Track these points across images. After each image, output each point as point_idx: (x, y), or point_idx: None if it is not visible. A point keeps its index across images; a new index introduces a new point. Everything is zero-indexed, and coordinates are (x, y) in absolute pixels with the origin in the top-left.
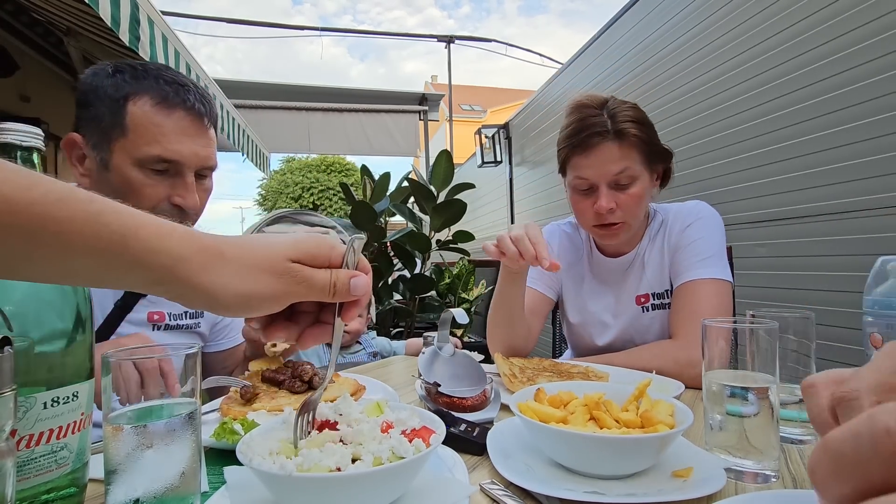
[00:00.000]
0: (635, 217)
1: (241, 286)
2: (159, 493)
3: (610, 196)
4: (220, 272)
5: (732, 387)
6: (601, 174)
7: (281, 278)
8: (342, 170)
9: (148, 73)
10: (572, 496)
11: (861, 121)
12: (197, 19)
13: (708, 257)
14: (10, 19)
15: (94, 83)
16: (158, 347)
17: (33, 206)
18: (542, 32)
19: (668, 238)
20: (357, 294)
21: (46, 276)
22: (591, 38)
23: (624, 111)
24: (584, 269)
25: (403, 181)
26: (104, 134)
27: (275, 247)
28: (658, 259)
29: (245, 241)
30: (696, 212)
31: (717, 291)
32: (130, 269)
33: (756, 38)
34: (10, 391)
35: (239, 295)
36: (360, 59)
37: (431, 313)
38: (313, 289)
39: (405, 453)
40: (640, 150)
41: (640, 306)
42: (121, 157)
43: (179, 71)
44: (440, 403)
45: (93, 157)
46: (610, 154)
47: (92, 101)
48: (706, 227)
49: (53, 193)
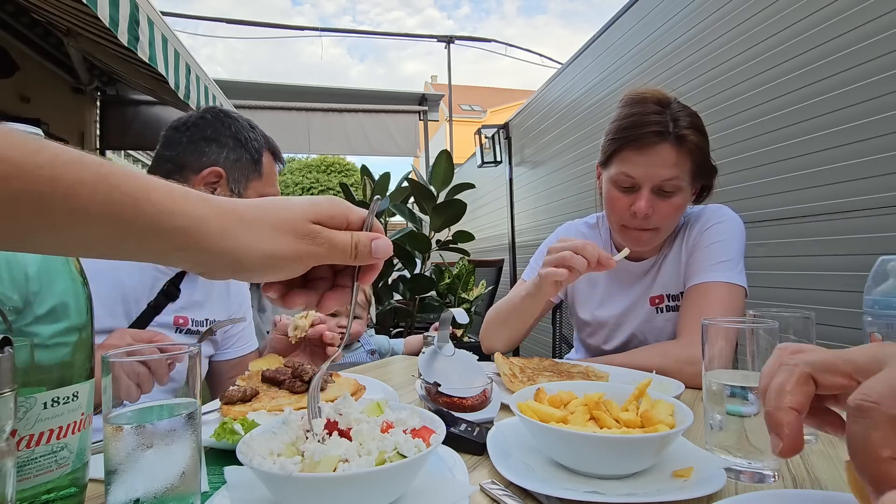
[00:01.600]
0: (668, 228)
1: (265, 247)
2: (159, 493)
3: (650, 200)
4: (242, 234)
5: (732, 386)
6: (650, 176)
7: (303, 239)
8: (342, 170)
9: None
10: (572, 496)
11: (861, 120)
12: (197, 20)
13: (724, 261)
14: (10, 20)
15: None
16: (157, 348)
17: (41, 168)
18: (542, 33)
19: (686, 240)
20: (379, 256)
21: (60, 244)
22: (591, 38)
23: (687, 116)
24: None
25: (403, 181)
26: (244, 174)
27: (294, 208)
28: (675, 261)
29: (262, 203)
30: (717, 215)
31: (728, 294)
32: (146, 235)
33: (755, 38)
34: (11, 391)
35: (265, 256)
36: (360, 60)
37: (431, 313)
38: (335, 250)
39: (408, 451)
40: (693, 161)
41: (654, 307)
42: (252, 193)
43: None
44: (440, 403)
45: (227, 189)
46: (665, 157)
47: (235, 146)
48: (725, 231)
49: (61, 157)
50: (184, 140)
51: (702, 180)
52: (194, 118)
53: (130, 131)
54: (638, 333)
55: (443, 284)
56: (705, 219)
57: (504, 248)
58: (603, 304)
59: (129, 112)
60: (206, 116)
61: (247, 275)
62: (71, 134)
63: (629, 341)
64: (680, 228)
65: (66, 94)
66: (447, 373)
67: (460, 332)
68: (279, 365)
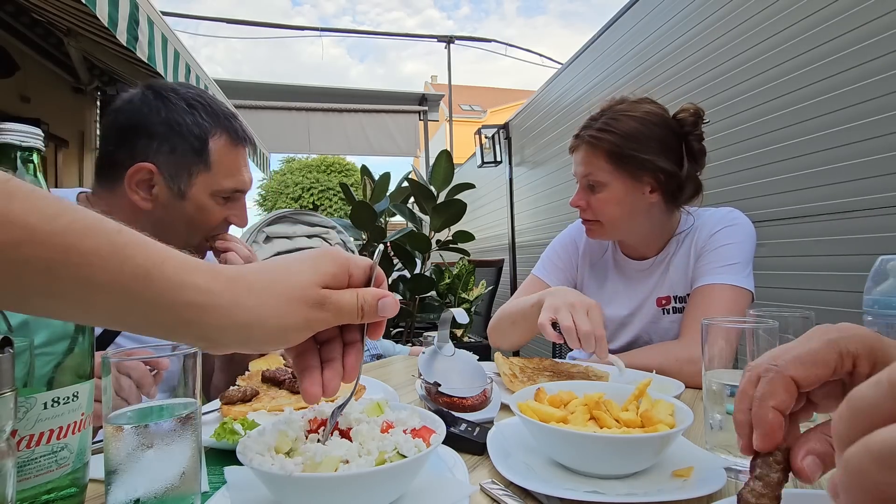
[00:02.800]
0: (609, 220)
1: (277, 320)
2: (160, 493)
3: (581, 195)
4: (254, 306)
5: (732, 386)
6: (577, 173)
7: (313, 308)
8: (342, 170)
9: (214, 109)
10: (572, 496)
11: (861, 120)
12: (197, 20)
13: (731, 264)
14: (10, 20)
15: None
16: (158, 348)
17: (56, 236)
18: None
19: (695, 242)
20: (386, 315)
21: (62, 310)
22: (591, 39)
23: (612, 119)
24: (609, 268)
25: (403, 181)
26: (185, 167)
27: (302, 274)
28: (683, 263)
29: (268, 269)
30: (728, 218)
31: (733, 298)
32: (153, 308)
33: (755, 38)
34: (11, 391)
35: (277, 328)
36: (360, 60)
37: (431, 313)
38: (342, 313)
39: (408, 451)
40: (607, 160)
41: (660, 308)
42: (201, 188)
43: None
44: (440, 403)
45: (165, 186)
46: (581, 158)
47: (167, 135)
48: (735, 234)
49: (80, 222)
50: (112, 131)
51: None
52: (124, 100)
53: None
54: (643, 334)
55: (443, 284)
56: (715, 221)
57: (504, 248)
58: (610, 302)
59: None
60: (135, 100)
61: (255, 346)
62: (71, 134)
63: (634, 341)
64: (688, 231)
65: (66, 93)
66: (447, 373)
67: (460, 332)
68: (279, 365)
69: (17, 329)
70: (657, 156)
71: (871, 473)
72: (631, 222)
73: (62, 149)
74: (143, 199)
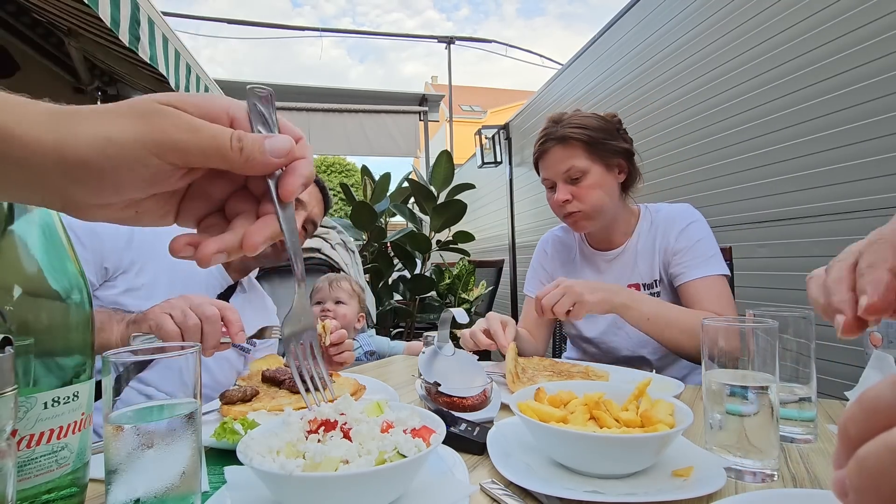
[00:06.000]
0: (593, 206)
1: (93, 131)
2: (160, 492)
3: (565, 189)
4: (70, 125)
5: (732, 386)
6: (555, 173)
7: (147, 118)
8: (342, 170)
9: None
10: (572, 496)
11: (861, 121)
12: (198, 20)
13: (713, 255)
14: (11, 20)
15: None
16: (160, 346)
17: None
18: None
19: (661, 237)
20: (277, 155)
21: None
22: (591, 39)
23: (570, 120)
24: (579, 264)
25: (404, 182)
26: None
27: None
28: (650, 253)
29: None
30: (689, 214)
31: (725, 284)
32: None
33: (755, 39)
34: (11, 391)
35: (93, 139)
36: (360, 61)
37: (431, 313)
38: (201, 135)
39: (408, 451)
40: (583, 149)
41: None
42: None
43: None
44: (440, 403)
45: None
46: (558, 156)
47: None
48: (703, 229)
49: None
50: None
51: (611, 159)
52: None
53: None
54: (617, 319)
55: (443, 285)
56: (678, 218)
57: (504, 248)
58: None
59: None
60: None
61: (84, 173)
62: None
63: (608, 328)
64: (650, 225)
65: (67, 93)
66: (447, 373)
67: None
68: (279, 365)
69: (18, 329)
70: (618, 143)
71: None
72: (610, 206)
73: None
74: None
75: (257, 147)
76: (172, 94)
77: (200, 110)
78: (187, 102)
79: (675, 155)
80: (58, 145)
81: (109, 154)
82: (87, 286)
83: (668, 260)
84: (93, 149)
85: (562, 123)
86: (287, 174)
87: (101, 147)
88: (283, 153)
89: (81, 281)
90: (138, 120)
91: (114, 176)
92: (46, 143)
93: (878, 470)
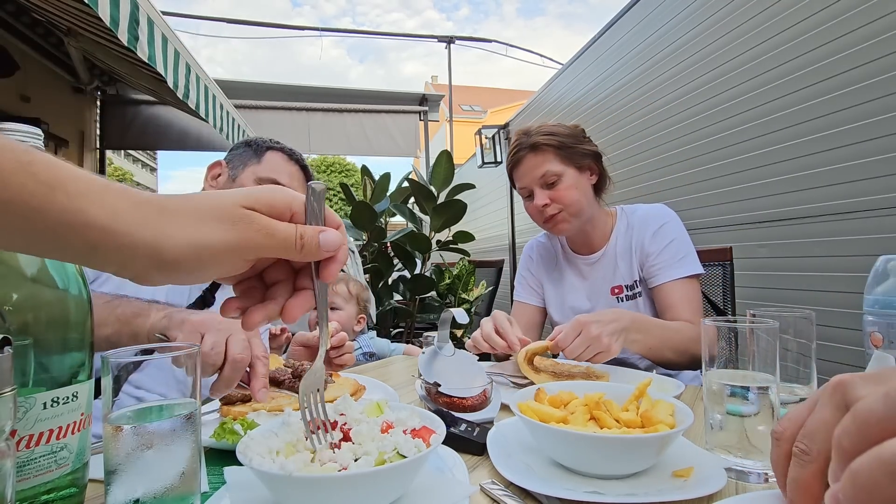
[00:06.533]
0: (571, 207)
1: (189, 236)
2: (159, 493)
3: (542, 194)
4: (163, 224)
5: (732, 386)
6: (531, 180)
7: (235, 226)
8: (342, 170)
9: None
10: (572, 496)
11: (861, 121)
12: (198, 20)
13: (684, 256)
14: (10, 20)
15: (248, 142)
16: (158, 347)
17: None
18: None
19: (636, 237)
20: (329, 249)
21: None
22: (592, 39)
23: (540, 129)
24: (563, 269)
25: (404, 181)
26: (243, 162)
27: (224, 195)
28: (627, 255)
29: (188, 195)
30: (663, 215)
31: (698, 284)
32: (58, 228)
33: (755, 39)
34: (10, 391)
35: (189, 245)
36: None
37: (431, 313)
38: (276, 239)
39: (408, 451)
40: (555, 154)
41: (614, 296)
42: (248, 174)
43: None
44: (440, 403)
45: (226, 173)
46: (532, 164)
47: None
48: (676, 229)
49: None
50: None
51: (582, 161)
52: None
53: (130, 131)
54: None
55: (443, 285)
56: (653, 218)
57: (504, 248)
58: (567, 297)
59: (129, 111)
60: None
61: (172, 270)
62: (71, 133)
63: None
64: (626, 227)
65: (67, 93)
66: (447, 373)
67: (460, 333)
68: (279, 365)
69: (17, 329)
70: (586, 146)
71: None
72: (586, 207)
73: (62, 148)
74: (209, 186)
75: (314, 242)
76: (250, 195)
77: (271, 209)
78: (260, 202)
79: (675, 155)
80: (155, 244)
81: (203, 257)
82: (86, 284)
83: (643, 261)
84: (188, 252)
85: (531, 133)
86: (329, 260)
87: (196, 251)
88: (334, 248)
89: (80, 279)
90: (229, 227)
91: (200, 272)
92: (143, 240)
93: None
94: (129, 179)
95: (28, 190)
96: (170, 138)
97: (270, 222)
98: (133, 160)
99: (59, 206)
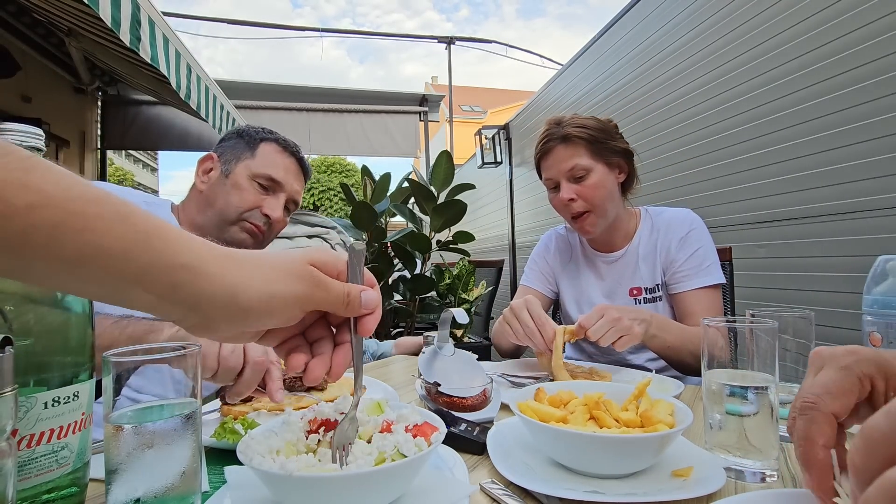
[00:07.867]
0: (598, 205)
1: (264, 286)
2: (160, 492)
3: (569, 188)
4: (241, 275)
5: (732, 386)
6: (558, 172)
7: (302, 280)
8: (342, 170)
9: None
10: (572, 496)
11: (861, 122)
12: (199, 20)
13: (710, 264)
14: (11, 20)
15: (241, 132)
16: (158, 347)
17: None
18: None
19: (662, 241)
20: (369, 308)
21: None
22: (591, 40)
23: (572, 121)
24: (580, 265)
25: (404, 182)
26: (235, 155)
27: (292, 255)
28: (651, 258)
29: (259, 252)
30: (690, 220)
31: (718, 296)
32: (150, 269)
33: (755, 39)
34: (11, 391)
35: (263, 294)
36: (360, 62)
37: (431, 313)
38: (330, 295)
39: (409, 451)
40: (586, 148)
41: (632, 298)
42: (242, 170)
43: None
44: (440, 403)
45: (219, 169)
46: (562, 155)
47: (236, 141)
48: (703, 236)
49: (90, 193)
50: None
51: (612, 158)
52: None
53: (131, 131)
54: None
55: (443, 285)
56: (679, 223)
57: (504, 248)
58: (584, 294)
59: (130, 112)
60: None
61: (242, 317)
62: (72, 134)
63: None
64: (651, 229)
65: (68, 93)
66: (447, 373)
67: (460, 333)
68: None
69: (18, 329)
70: (618, 143)
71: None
72: (613, 207)
73: (63, 149)
74: (201, 182)
75: (358, 300)
76: (312, 255)
77: (327, 268)
78: (319, 261)
79: (675, 155)
80: (234, 290)
81: (272, 306)
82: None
83: (667, 266)
84: (261, 300)
85: (563, 124)
86: (367, 316)
87: (268, 300)
88: (374, 306)
89: None
90: (298, 282)
91: (266, 320)
92: (223, 285)
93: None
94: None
95: (129, 237)
96: (170, 139)
97: (327, 279)
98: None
99: (155, 250)
